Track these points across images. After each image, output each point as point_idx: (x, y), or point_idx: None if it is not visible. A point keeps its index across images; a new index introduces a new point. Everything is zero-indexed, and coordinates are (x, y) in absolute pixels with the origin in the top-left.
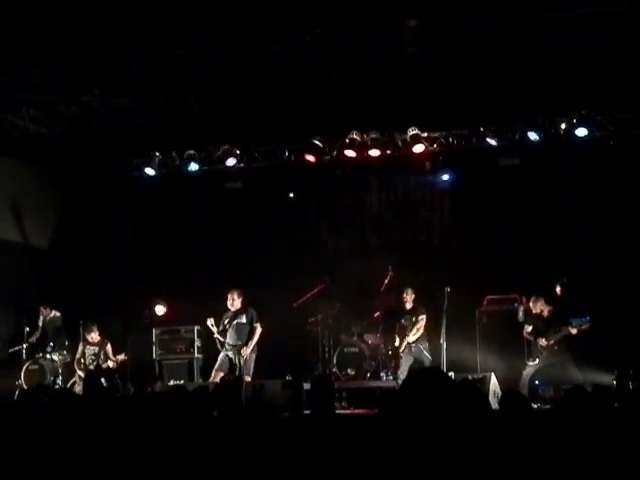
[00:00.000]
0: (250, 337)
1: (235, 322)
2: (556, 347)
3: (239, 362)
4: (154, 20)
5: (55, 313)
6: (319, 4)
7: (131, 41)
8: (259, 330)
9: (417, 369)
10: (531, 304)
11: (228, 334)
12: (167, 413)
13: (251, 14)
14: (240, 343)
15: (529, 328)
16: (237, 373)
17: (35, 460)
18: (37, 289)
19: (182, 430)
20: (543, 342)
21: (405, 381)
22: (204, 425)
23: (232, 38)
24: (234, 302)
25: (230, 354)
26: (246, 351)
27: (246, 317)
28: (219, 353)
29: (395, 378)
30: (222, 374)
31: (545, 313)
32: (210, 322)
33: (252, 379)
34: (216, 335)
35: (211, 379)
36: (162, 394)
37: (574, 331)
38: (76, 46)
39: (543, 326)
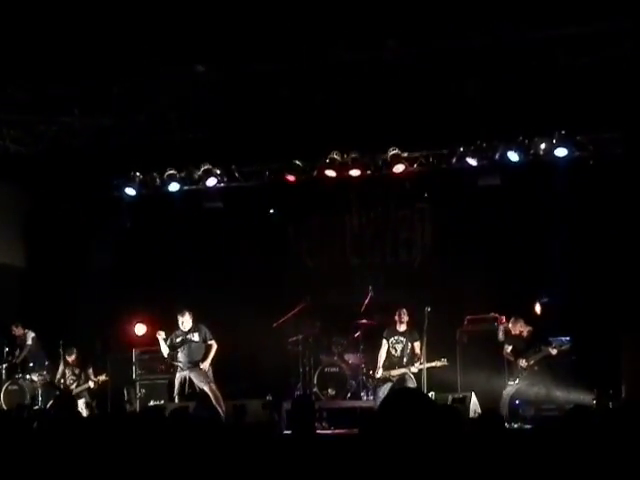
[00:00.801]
0: (206, 354)
1: (188, 341)
2: (536, 367)
3: (196, 378)
4: (136, 41)
5: (28, 332)
6: (299, 25)
7: (112, 62)
8: (214, 347)
9: (397, 389)
10: (510, 325)
11: (181, 354)
12: (144, 434)
13: (231, 35)
14: (196, 360)
15: (509, 348)
16: (197, 389)
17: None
18: (16, 309)
19: (159, 451)
20: (523, 363)
21: (385, 401)
22: (182, 446)
23: (213, 59)
24: (184, 323)
25: (185, 374)
26: (205, 365)
27: (199, 335)
28: None
29: (375, 397)
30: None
31: (525, 334)
32: (161, 336)
33: (232, 399)
34: (163, 349)
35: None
36: (138, 415)
37: (554, 352)
38: (57, 66)
39: (523, 346)
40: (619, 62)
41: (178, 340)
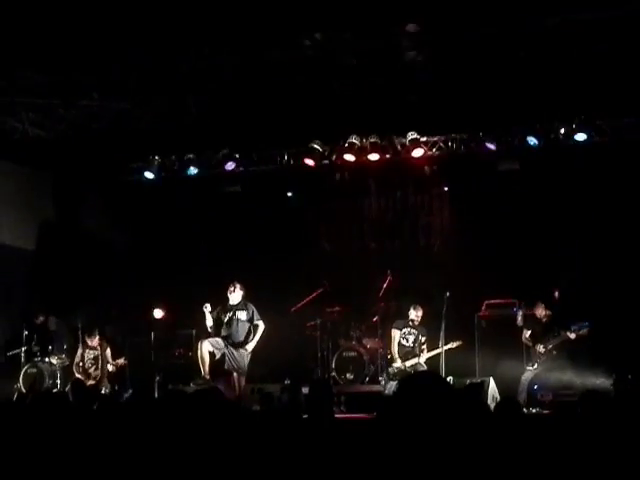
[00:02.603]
0: (252, 335)
1: (235, 318)
2: (555, 352)
3: (232, 359)
4: (154, 24)
5: (50, 318)
6: (318, 9)
7: (131, 45)
8: (261, 328)
9: (414, 373)
10: (531, 309)
11: (224, 331)
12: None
13: (250, 18)
14: (239, 340)
15: (527, 333)
16: (234, 373)
17: (34, 463)
18: (35, 293)
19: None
20: (541, 348)
21: (401, 384)
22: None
23: (231, 42)
24: (233, 297)
25: (223, 351)
26: (249, 347)
27: (247, 314)
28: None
29: (385, 387)
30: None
31: (544, 318)
32: (207, 309)
33: (250, 382)
34: (208, 322)
35: (215, 380)
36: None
37: (572, 336)
38: (76, 50)
39: (542, 331)
40: (639, 47)
41: (224, 317)
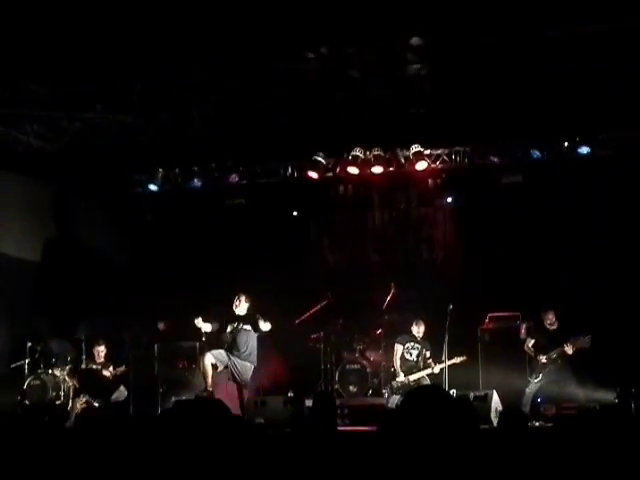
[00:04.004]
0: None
1: (240, 329)
2: (559, 362)
3: (235, 370)
4: (157, 37)
5: (51, 342)
6: (322, 22)
7: (135, 57)
8: (269, 325)
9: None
10: (543, 314)
11: (230, 341)
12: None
13: (255, 32)
14: (244, 352)
15: (531, 342)
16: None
17: (37, 475)
18: (38, 304)
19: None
20: (543, 358)
21: (405, 398)
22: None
23: (235, 55)
24: (238, 308)
25: (226, 362)
26: (253, 360)
27: (251, 324)
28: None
29: (388, 402)
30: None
31: (552, 326)
32: (199, 321)
33: (254, 395)
34: (205, 328)
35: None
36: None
37: (570, 350)
38: (79, 62)
39: (545, 342)
40: None
41: (229, 328)
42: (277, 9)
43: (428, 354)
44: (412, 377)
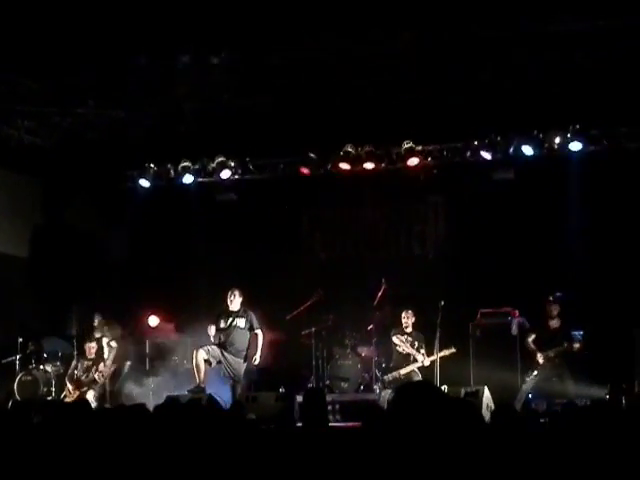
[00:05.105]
0: (255, 345)
1: (234, 325)
2: (557, 360)
3: (229, 368)
4: (150, 32)
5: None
6: (314, 17)
7: (127, 52)
8: (261, 337)
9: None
10: (546, 307)
11: (223, 336)
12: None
13: (246, 26)
14: (238, 348)
15: (531, 337)
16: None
17: (29, 471)
18: (29, 300)
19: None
20: (541, 357)
21: (396, 394)
22: (195, 438)
23: (228, 50)
24: (232, 303)
25: (223, 359)
26: (257, 357)
27: (245, 322)
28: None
29: (379, 397)
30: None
31: (555, 322)
32: (211, 331)
33: (245, 391)
34: (214, 338)
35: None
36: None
37: (577, 346)
38: (71, 57)
39: (547, 338)
40: (635, 56)
41: (222, 324)
42: (268, 4)
43: (422, 345)
44: (402, 371)
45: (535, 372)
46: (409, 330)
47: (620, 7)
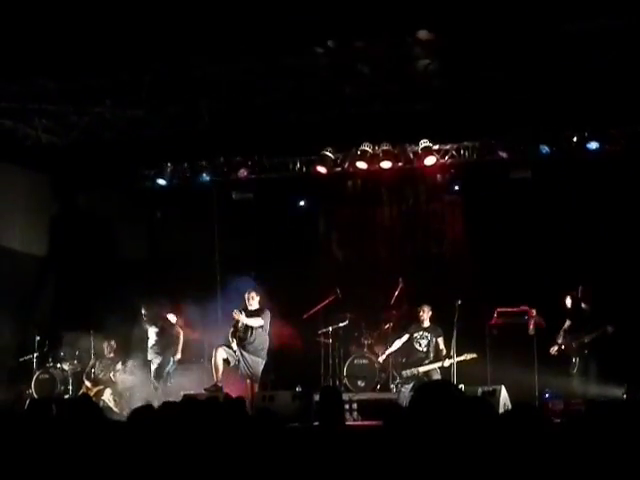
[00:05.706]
0: (264, 344)
1: (249, 327)
2: (586, 351)
3: (246, 365)
4: (167, 32)
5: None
6: (330, 16)
7: (144, 52)
8: (267, 340)
9: (427, 382)
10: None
11: (242, 335)
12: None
13: (263, 26)
14: (258, 348)
15: (567, 324)
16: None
17: (45, 469)
18: (46, 299)
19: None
20: (575, 343)
21: (415, 393)
22: (213, 436)
23: (244, 50)
24: (252, 301)
25: (242, 357)
26: (263, 356)
27: (259, 321)
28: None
29: (399, 395)
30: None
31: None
32: (236, 313)
33: (261, 389)
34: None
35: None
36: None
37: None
38: (88, 57)
39: (581, 323)
40: None
41: (241, 324)
42: (285, 3)
43: (441, 341)
44: (422, 368)
45: (575, 367)
46: (426, 325)
47: (638, 5)
